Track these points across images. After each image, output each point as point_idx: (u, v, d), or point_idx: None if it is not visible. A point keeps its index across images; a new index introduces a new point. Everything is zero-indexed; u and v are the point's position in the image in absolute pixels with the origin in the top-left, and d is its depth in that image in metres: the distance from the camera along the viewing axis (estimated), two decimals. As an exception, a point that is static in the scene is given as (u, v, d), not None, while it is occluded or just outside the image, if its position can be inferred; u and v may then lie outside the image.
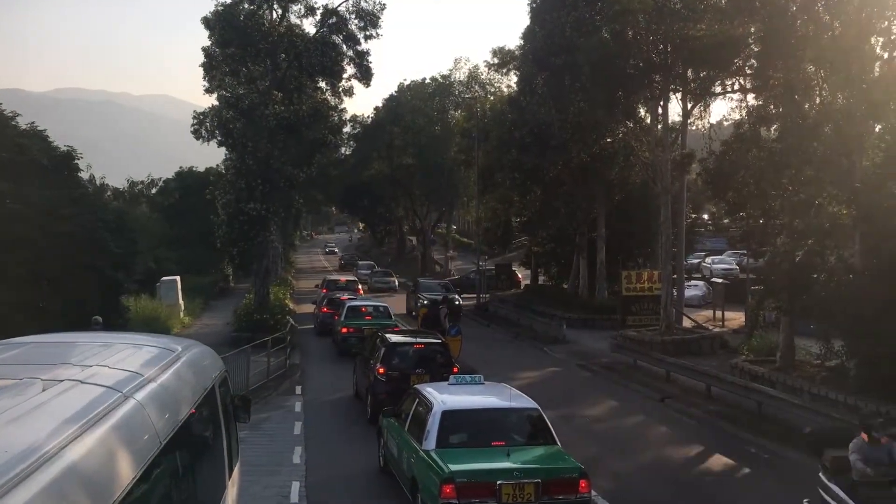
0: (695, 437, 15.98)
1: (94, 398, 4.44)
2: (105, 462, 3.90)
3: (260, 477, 12.44)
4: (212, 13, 29.50)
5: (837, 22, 17.38)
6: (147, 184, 65.92)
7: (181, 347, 6.58)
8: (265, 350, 21.16)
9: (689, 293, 34.66)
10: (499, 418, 10.69)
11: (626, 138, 30.40)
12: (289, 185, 29.34)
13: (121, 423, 4.30)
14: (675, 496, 12.41)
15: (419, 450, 10.12)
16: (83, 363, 5.35)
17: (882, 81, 16.74)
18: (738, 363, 20.48)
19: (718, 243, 52.02)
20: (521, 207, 41.39)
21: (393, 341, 17.31)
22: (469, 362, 22.92)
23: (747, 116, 22.03)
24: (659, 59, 25.17)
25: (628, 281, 28.85)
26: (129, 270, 29.70)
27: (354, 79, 32.30)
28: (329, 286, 39.58)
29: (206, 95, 32.08)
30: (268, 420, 16.91)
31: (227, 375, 8.07)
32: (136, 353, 5.92)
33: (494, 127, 41.96)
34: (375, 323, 25.35)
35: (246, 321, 28.47)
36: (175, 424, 5.19)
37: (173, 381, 5.63)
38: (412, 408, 11.35)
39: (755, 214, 21.44)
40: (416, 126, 59.57)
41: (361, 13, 30.86)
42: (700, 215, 49.26)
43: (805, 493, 10.95)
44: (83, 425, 3.94)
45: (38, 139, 23.17)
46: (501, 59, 47.91)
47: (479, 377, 12.15)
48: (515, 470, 9.34)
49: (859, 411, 13.50)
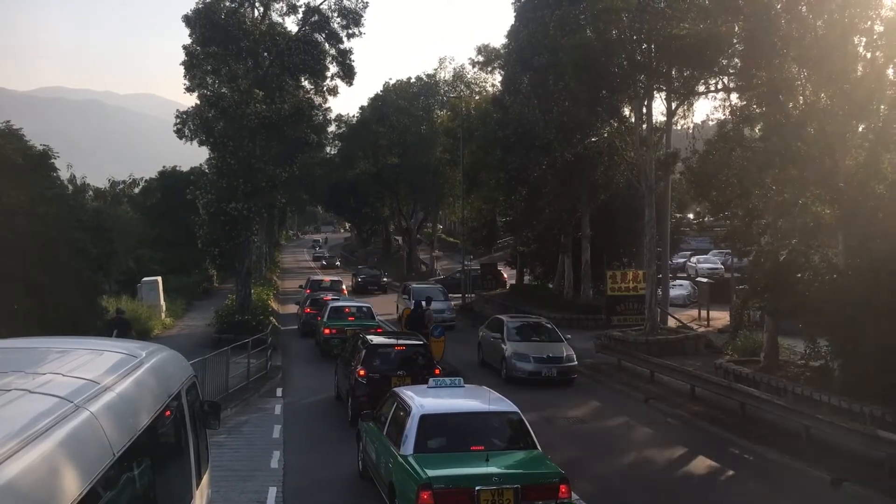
0: (678, 438, 15.87)
1: (43, 409, 4.22)
2: (46, 479, 3.68)
3: (236, 482, 12.22)
4: (192, 11, 29.14)
5: (820, 22, 17.32)
6: (129, 184, 65.36)
7: (145, 353, 6.35)
8: (246, 352, 20.87)
9: (674, 293, 34.69)
10: (478, 422, 10.52)
11: (611, 138, 30.33)
12: (271, 185, 29.04)
13: (69, 435, 4.08)
14: (657, 499, 12.28)
15: (397, 454, 9.93)
16: (36, 371, 5.13)
17: (865, 81, 16.69)
18: (723, 363, 20.41)
19: (703, 243, 52.18)
20: (506, 207, 41.29)
21: (374, 343, 17.11)
22: (452, 364, 22.79)
23: (731, 116, 21.98)
24: (643, 58, 25.09)
25: (613, 281, 28.76)
26: (108, 271, 29.29)
27: (338, 77, 32.07)
28: (313, 286, 39.34)
29: (187, 94, 31.74)
30: (246, 423, 16.64)
31: (196, 381, 7.84)
32: (95, 360, 5.69)
33: (479, 126, 41.88)
34: (358, 324, 25.15)
35: (227, 322, 28.18)
36: (132, 435, 4.97)
37: (132, 389, 5.41)
38: (391, 411, 11.15)
39: (739, 214, 21.37)
40: (402, 125, 59.42)
41: (344, 11, 30.64)
42: (685, 215, 49.39)
43: (788, 495, 10.87)
44: (25, 439, 3.73)
45: (14, 138, 22.79)
46: (486, 56, 47.82)
47: (458, 380, 11.96)
48: (494, 475, 9.16)
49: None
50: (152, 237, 51.34)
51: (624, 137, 28.88)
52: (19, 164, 21.76)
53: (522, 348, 21.66)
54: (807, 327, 17.68)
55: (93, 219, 25.95)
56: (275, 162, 29.35)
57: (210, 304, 38.35)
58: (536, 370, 21.03)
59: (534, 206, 35.94)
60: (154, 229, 51.93)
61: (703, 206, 31.35)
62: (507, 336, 22.31)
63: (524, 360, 21.26)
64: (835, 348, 16.55)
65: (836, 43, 16.78)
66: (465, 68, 61.79)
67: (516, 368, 21.22)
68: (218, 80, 30.54)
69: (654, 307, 26.30)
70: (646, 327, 25.99)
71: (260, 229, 39.01)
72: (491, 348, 23.22)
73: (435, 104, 62.64)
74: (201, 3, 29.37)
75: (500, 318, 24.22)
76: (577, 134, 31.07)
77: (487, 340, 23.66)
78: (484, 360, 23.90)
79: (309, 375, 22.73)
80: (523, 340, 22.10)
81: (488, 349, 23.52)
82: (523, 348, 21.66)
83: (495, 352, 22.65)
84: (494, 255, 56.56)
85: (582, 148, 31.75)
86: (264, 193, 28.97)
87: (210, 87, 30.80)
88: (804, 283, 17.75)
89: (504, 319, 23.63)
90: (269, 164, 28.83)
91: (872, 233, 15.98)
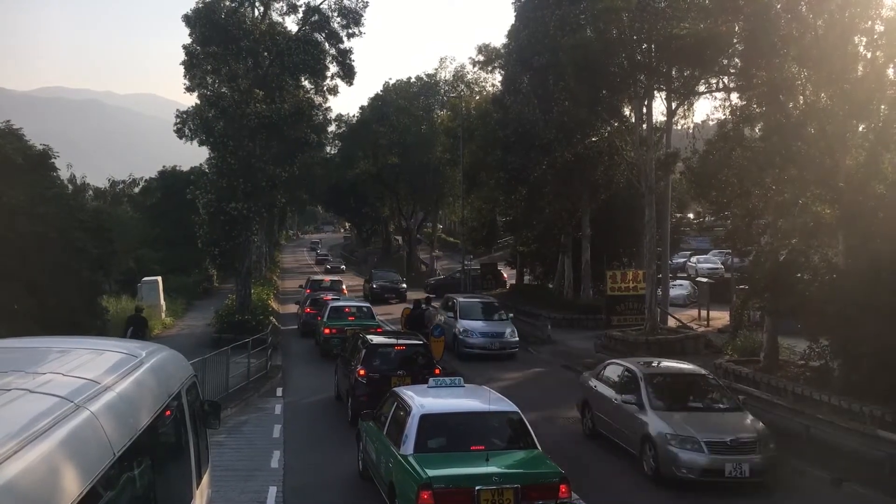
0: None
1: (43, 409, 4.22)
2: (46, 478, 3.68)
3: (236, 482, 12.22)
4: (192, 11, 29.17)
5: (820, 21, 17.31)
6: (129, 183, 65.44)
7: (145, 353, 6.35)
8: (246, 351, 20.87)
9: (674, 292, 34.68)
10: (478, 422, 10.51)
11: (611, 138, 30.33)
12: (271, 185, 29.06)
13: (69, 435, 4.08)
14: (657, 499, 12.26)
15: (397, 454, 9.93)
16: (36, 370, 5.12)
17: (865, 81, 16.68)
18: (723, 363, 20.39)
19: (703, 243, 52.19)
20: (506, 207, 41.29)
21: (374, 342, 17.11)
22: (452, 364, 22.80)
23: (731, 116, 21.93)
24: (643, 57, 25.08)
25: (613, 281, 28.74)
26: (108, 271, 29.30)
27: (338, 77, 32.12)
28: (313, 286, 39.34)
29: (187, 94, 31.77)
30: (246, 423, 16.65)
31: (196, 380, 7.84)
32: (95, 360, 5.69)
33: (479, 126, 41.86)
34: (358, 324, 25.14)
35: (227, 322, 28.17)
36: (133, 434, 4.97)
37: (133, 388, 5.41)
38: (391, 411, 11.16)
39: (739, 214, 21.36)
40: (402, 125, 59.40)
41: (344, 11, 30.68)
42: (685, 215, 49.42)
43: (788, 495, 10.87)
44: (25, 439, 3.73)
45: (14, 138, 22.79)
46: (487, 56, 47.79)
47: (458, 379, 11.97)
48: (494, 475, 9.16)
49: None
50: (152, 237, 51.38)
51: (624, 137, 28.88)
52: (19, 163, 21.77)
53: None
54: (807, 327, 17.67)
55: (93, 219, 25.95)
56: (275, 162, 29.36)
57: (210, 303, 38.38)
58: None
59: (534, 205, 35.95)
60: (154, 229, 51.97)
61: (703, 206, 31.38)
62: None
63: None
64: (835, 348, 16.53)
65: (836, 43, 16.77)
66: (465, 68, 61.81)
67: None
68: (218, 80, 30.57)
69: (654, 307, 26.30)
70: (646, 327, 25.99)
71: (260, 229, 39.02)
72: None
73: (435, 104, 62.61)
74: (201, 2, 29.41)
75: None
76: (577, 134, 31.07)
77: None
78: None
79: (309, 375, 22.73)
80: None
81: None
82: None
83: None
84: (494, 255, 56.57)
85: (582, 148, 31.75)
86: (264, 193, 28.99)
87: (210, 86, 30.83)
88: (804, 283, 17.73)
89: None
90: (269, 164, 28.84)
91: (872, 233, 15.96)
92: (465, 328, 25.35)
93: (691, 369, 15.03)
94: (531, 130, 32.11)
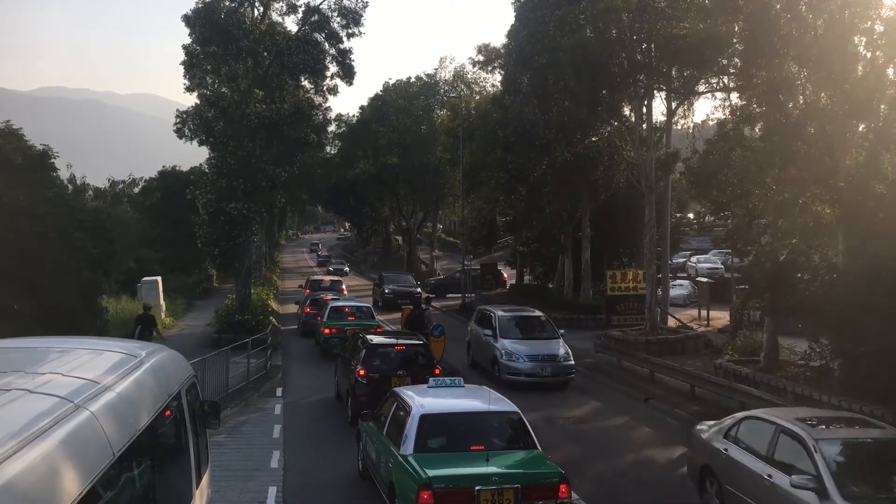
0: (678, 438, 15.80)
1: (43, 409, 4.22)
2: (46, 478, 3.69)
3: (236, 482, 12.21)
4: (192, 11, 29.13)
5: (820, 21, 17.31)
6: (129, 183, 65.44)
7: (145, 353, 6.36)
8: (246, 351, 20.87)
9: (674, 292, 34.69)
10: (478, 422, 10.52)
11: (611, 138, 30.33)
12: (271, 185, 29.05)
13: (69, 435, 4.08)
14: (657, 499, 12.27)
15: (397, 454, 9.93)
16: (36, 371, 5.13)
17: (865, 81, 16.68)
18: (723, 363, 20.41)
19: (703, 242, 52.20)
20: (506, 207, 41.30)
21: (374, 342, 17.10)
22: (452, 364, 22.78)
23: (731, 115, 21.95)
24: (643, 57, 25.10)
25: (613, 280, 28.77)
26: (108, 271, 29.29)
27: (337, 77, 32.05)
28: (313, 286, 39.35)
29: (187, 94, 31.75)
30: (246, 423, 16.64)
31: (196, 381, 7.85)
32: (95, 360, 5.69)
33: (479, 126, 41.86)
34: (358, 324, 25.14)
35: (227, 322, 28.16)
36: (132, 434, 4.97)
37: (132, 388, 5.42)
38: (391, 411, 11.16)
39: (739, 214, 21.37)
40: (402, 125, 59.42)
41: (344, 11, 30.63)
42: (685, 214, 49.41)
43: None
44: (25, 439, 3.73)
45: (14, 138, 22.76)
46: (486, 56, 47.76)
47: (458, 380, 11.97)
48: (494, 475, 9.16)
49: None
50: (152, 237, 51.34)
51: (624, 137, 28.88)
52: (19, 164, 21.74)
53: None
54: (807, 327, 17.67)
55: (93, 219, 25.91)
56: (275, 162, 29.33)
57: (210, 303, 38.36)
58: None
59: (534, 205, 35.96)
60: (154, 229, 51.93)
61: (704, 205, 31.35)
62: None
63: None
64: (835, 348, 16.53)
65: (835, 43, 16.78)
66: (465, 68, 61.81)
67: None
68: (218, 80, 30.55)
69: (654, 307, 26.31)
70: (646, 327, 26.01)
71: (260, 229, 39.01)
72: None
73: (435, 104, 62.61)
74: (201, 2, 29.37)
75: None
76: (577, 134, 31.08)
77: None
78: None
79: (309, 375, 22.73)
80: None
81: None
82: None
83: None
84: (494, 254, 56.57)
85: (582, 148, 31.77)
86: (264, 193, 28.97)
87: (210, 86, 30.80)
88: (804, 283, 17.74)
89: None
90: (269, 164, 28.82)
91: (872, 233, 15.95)
92: (507, 350, 20.63)
93: None
94: (531, 130, 32.11)
